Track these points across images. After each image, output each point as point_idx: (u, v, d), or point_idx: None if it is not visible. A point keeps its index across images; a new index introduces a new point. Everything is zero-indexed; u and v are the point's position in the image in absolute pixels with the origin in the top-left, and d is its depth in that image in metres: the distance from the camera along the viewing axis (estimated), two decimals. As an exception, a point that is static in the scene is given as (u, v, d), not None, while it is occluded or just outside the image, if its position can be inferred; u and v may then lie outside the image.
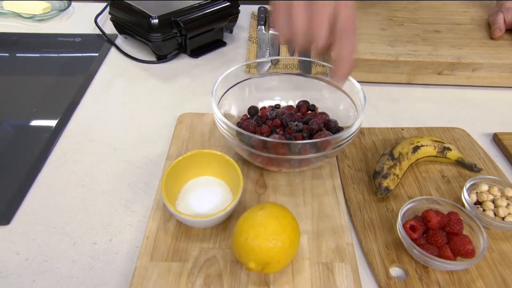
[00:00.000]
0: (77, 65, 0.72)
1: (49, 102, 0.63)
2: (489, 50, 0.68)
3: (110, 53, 0.76)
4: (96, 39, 0.80)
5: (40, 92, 0.65)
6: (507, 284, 0.39)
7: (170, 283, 0.38)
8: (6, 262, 0.41)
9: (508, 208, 0.43)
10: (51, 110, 0.61)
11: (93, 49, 0.77)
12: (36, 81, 0.68)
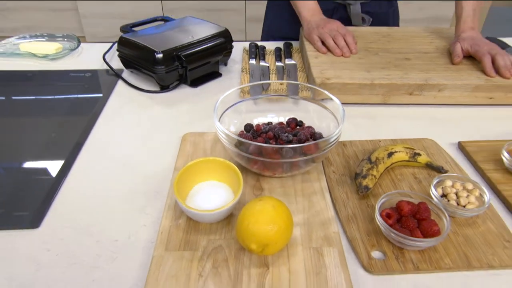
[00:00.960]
0: (89, 96, 0.80)
1: (68, 124, 0.71)
2: (452, 74, 0.78)
3: (118, 85, 0.84)
4: (104, 73, 0.89)
5: (59, 117, 0.73)
6: (470, 261, 0.46)
7: (183, 268, 0.44)
8: (39, 258, 0.47)
9: (468, 198, 0.51)
10: (70, 131, 0.69)
11: (102, 82, 0.86)
12: (54, 108, 0.76)
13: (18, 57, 0.93)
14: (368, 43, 0.91)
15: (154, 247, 0.47)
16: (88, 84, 0.85)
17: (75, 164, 0.62)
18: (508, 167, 0.58)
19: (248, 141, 0.51)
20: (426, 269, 0.45)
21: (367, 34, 0.95)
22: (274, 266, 0.45)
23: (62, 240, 0.49)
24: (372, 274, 0.45)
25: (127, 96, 0.81)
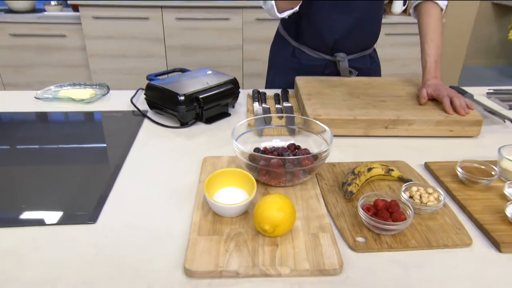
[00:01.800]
0: (121, 131, 0.97)
1: (107, 150, 0.86)
2: (419, 112, 0.96)
3: (144, 123, 1.01)
4: (131, 114, 1.06)
5: (99, 145, 0.89)
6: (430, 242, 0.61)
7: (213, 246, 0.58)
8: (99, 246, 0.60)
9: (429, 198, 0.66)
10: (110, 155, 0.84)
11: (130, 120, 1.02)
12: (95, 138, 0.92)
13: (59, 101, 1.10)
14: (352, 89, 1.10)
15: (189, 233, 0.61)
16: (119, 122, 1.02)
17: (117, 180, 0.76)
18: (461, 178, 0.74)
19: (259, 155, 0.67)
20: (397, 248, 0.60)
21: (352, 83, 1.15)
22: (282, 245, 0.59)
23: (116, 230, 0.63)
24: (357, 252, 0.59)
25: (152, 131, 0.97)
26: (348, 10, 1.14)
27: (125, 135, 0.94)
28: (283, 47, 1.29)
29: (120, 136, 0.94)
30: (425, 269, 0.57)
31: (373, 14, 1.21)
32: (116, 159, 0.83)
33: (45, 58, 2.89)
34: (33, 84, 2.96)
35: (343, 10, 1.14)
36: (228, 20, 2.80)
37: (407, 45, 2.87)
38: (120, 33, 2.79)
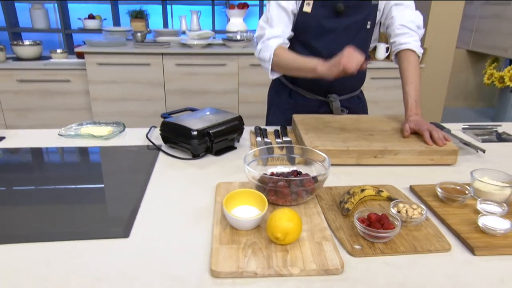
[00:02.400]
0: (140, 163, 1.08)
1: (129, 179, 0.97)
2: (403, 143, 1.10)
3: (159, 156, 1.13)
4: (145, 148, 1.18)
5: (122, 174, 1.00)
6: (416, 248, 0.72)
7: (233, 252, 0.68)
8: (133, 256, 0.70)
9: (413, 212, 0.78)
10: (133, 183, 0.95)
11: (147, 153, 1.14)
12: (116, 169, 1.03)
13: (80, 137, 1.22)
14: (343, 125, 1.24)
15: (211, 244, 0.71)
16: (137, 155, 1.13)
17: (142, 202, 0.87)
18: (441, 197, 0.86)
19: (269, 177, 0.79)
20: (388, 253, 0.71)
21: (343, 119, 1.29)
22: (291, 250, 0.69)
23: (146, 243, 0.73)
24: (355, 256, 0.70)
25: (167, 162, 1.09)
26: None
27: (144, 165, 1.05)
28: (280, 90, 1.44)
29: (140, 166, 1.05)
30: (413, 270, 0.68)
31: None
32: (140, 185, 0.94)
33: (49, 102, 3.02)
34: (36, 127, 3.06)
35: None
36: (225, 65, 3.00)
37: (391, 88, 3.08)
38: (122, 78, 2.96)
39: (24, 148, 1.17)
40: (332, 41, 1.28)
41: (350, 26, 1.28)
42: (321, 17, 1.25)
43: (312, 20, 1.23)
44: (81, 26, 3.94)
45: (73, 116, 3.07)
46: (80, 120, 1.30)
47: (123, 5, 4.04)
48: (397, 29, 1.29)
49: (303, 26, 1.21)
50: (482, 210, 0.81)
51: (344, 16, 1.26)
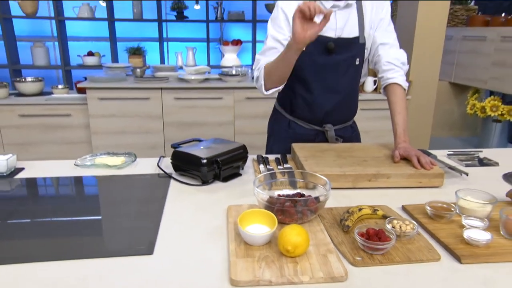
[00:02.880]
0: (153, 189, 1.17)
1: (146, 204, 1.06)
2: (394, 168, 1.21)
3: (171, 183, 1.22)
4: (157, 176, 1.27)
5: (139, 198, 1.08)
6: (410, 258, 0.81)
7: (249, 265, 0.77)
8: (158, 270, 0.78)
9: (406, 227, 0.88)
10: (152, 204, 1.03)
11: (159, 181, 1.23)
12: (133, 194, 1.11)
13: (96, 167, 1.31)
14: (339, 152, 1.35)
15: (228, 258, 0.80)
16: (150, 182, 1.22)
17: (161, 223, 0.95)
18: (430, 214, 0.97)
19: (277, 197, 0.89)
20: (386, 263, 0.80)
21: (338, 147, 1.40)
22: (301, 262, 0.78)
23: (169, 258, 0.81)
24: (356, 267, 0.79)
25: (179, 189, 1.18)
26: (333, 92, 1.44)
27: (158, 192, 1.14)
28: (280, 120, 1.56)
29: (154, 193, 1.14)
30: (408, 277, 0.77)
31: (352, 94, 1.51)
32: (156, 209, 1.03)
33: (50, 136, 3.10)
34: (37, 160, 3.12)
35: (330, 91, 1.44)
36: (221, 99, 3.14)
37: (380, 119, 3.23)
38: (122, 111, 3.07)
39: (44, 177, 1.25)
40: (324, 76, 1.42)
41: (341, 62, 1.42)
42: (314, 54, 1.39)
43: (306, 56, 1.36)
44: (80, 63, 4.09)
45: (73, 150, 3.14)
46: (80, 154, 1.39)
47: (121, 43, 4.22)
48: (384, 65, 1.43)
49: (298, 62, 1.34)
50: (466, 224, 0.91)
51: (335, 53, 1.39)
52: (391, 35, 1.46)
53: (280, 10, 1.38)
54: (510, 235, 0.87)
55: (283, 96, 1.54)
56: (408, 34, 3.47)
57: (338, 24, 1.38)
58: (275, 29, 1.39)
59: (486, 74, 3.85)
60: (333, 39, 1.38)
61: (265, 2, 3.98)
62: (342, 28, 1.39)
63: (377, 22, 1.43)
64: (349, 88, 1.47)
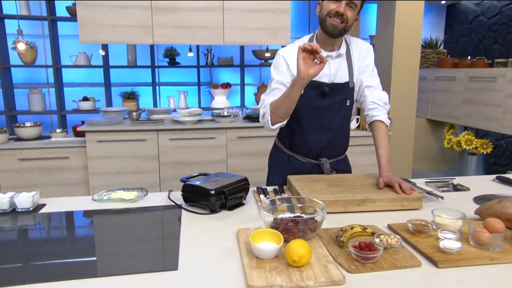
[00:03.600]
0: (167, 218, 1.31)
1: (164, 232, 1.19)
2: (379, 193, 1.38)
3: (183, 212, 1.36)
4: (170, 207, 1.41)
5: (156, 228, 1.22)
6: (396, 265, 0.96)
7: (262, 274, 0.91)
8: (184, 282, 0.92)
9: (392, 240, 1.04)
10: (168, 229, 1.17)
11: (172, 211, 1.37)
12: (150, 224, 1.25)
13: (111, 201, 1.44)
14: (330, 182, 1.52)
15: (243, 269, 0.94)
16: (164, 213, 1.36)
17: (180, 244, 1.09)
18: (411, 230, 1.13)
19: (281, 218, 1.04)
20: (376, 269, 0.95)
21: (330, 178, 1.57)
22: (305, 271, 0.92)
23: (191, 272, 0.95)
24: (352, 273, 0.94)
25: (190, 218, 1.32)
26: (327, 129, 1.64)
27: (172, 220, 1.28)
28: (280, 155, 1.74)
29: (169, 221, 1.28)
30: (395, 280, 0.92)
31: (343, 131, 1.71)
32: (174, 233, 1.16)
33: (48, 178, 3.19)
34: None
35: (324, 129, 1.63)
36: (214, 138, 3.31)
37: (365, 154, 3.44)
38: (119, 153, 3.21)
39: (65, 211, 1.38)
40: (319, 116, 1.62)
41: (334, 104, 1.62)
42: (311, 97, 1.59)
43: (304, 100, 1.56)
44: (75, 107, 4.24)
45: (70, 191, 3.23)
46: (76, 195, 1.52)
47: (115, 87, 4.41)
48: (369, 105, 1.64)
49: (297, 105, 1.53)
50: (442, 237, 1.07)
51: (329, 96, 1.60)
52: (375, 79, 1.68)
53: (281, 57, 1.60)
54: (477, 244, 1.04)
55: (283, 134, 1.73)
56: (385, 77, 3.77)
57: (332, 71, 1.60)
58: (278, 74, 1.60)
59: (459, 110, 4.16)
60: (327, 84, 1.60)
61: (252, 48, 4.26)
62: (335, 74, 1.61)
63: (363, 68, 1.66)
64: (341, 126, 1.68)
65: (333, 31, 1.52)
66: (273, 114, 1.55)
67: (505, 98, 3.54)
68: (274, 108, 1.54)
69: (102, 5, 3.13)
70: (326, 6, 1.51)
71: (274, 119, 1.56)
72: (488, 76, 3.74)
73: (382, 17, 3.82)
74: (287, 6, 3.35)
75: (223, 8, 3.27)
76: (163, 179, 3.31)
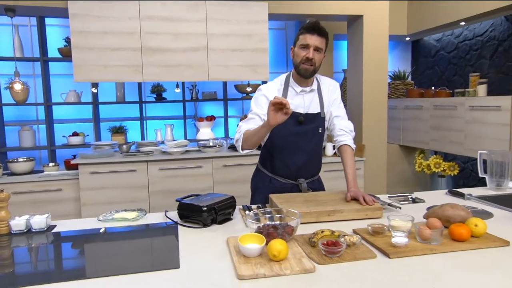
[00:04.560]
0: (166, 234, 1.51)
1: (161, 245, 1.40)
2: (347, 205, 1.63)
3: (179, 228, 1.57)
4: (165, 224, 1.62)
5: (157, 238, 1.42)
6: (356, 257, 1.20)
7: (249, 267, 1.13)
8: (186, 277, 1.13)
9: (353, 238, 1.27)
10: (169, 243, 1.37)
11: (169, 228, 1.58)
12: (152, 237, 1.46)
13: (115, 221, 1.64)
14: (306, 198, 1.76)
15: (233, 264, 1.15)
16: (163, 229, 1.57)
17: (180, 249, 1.30)
18: (370, 231, 1.37)
19: (263, 225, 1.27)
20: (340, 261, 1.18)
21: (306, 195, 1.81)
22: (283, 263, 1.15)
23: (192, 270, 1.16)
24: (321, 264, 1.17)
25: (186, 231, 1.53)
26: (303, 152, 1.91)
27: (170, 233, 1.49)
28: (263, 178, 1.99)
29: (167, 234, 1.49)
30: (357, 267, 1.15)
31: (317, 153, 1.98)
32: (173, 243, 1.37)
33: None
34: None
35: (301, 152, 1.89)
36: (201, 167, 3.53)
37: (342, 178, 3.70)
38: (110, 184, 3.38)
39: (77, 230, 1.57)
40: (296, 141, 1.89)
41: (308, 131, 1.89)
42: (288, 125, 1.85)
43: (283, 127, 1.82)
44: (65, 142, 4.41)
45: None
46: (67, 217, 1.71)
47: (104, 123, 4.61)
48: (338, 131, 1.93)
49: (275, 131, 1.79)
50: (394, 235, 1.32)
51: (304, 124, 1.88)
52: (342, 110, 1.98)
53: (262, 93, 1.88)
54: (421, 239, 1.29)
55: (265, 159, 1.98)
56: (357, 107, 4.10)
57: (306, 103, 1.89)
58: (256, 106, 1.87)
59: (427, 136, 4.51)
60: (303, 114, 1.87)
61: (234, 83, 4.57)
62: (309, 106, 1.90)
63: (332, 101, 1.96)
64: (315, 149, 1.95)
65: (306, 73, 1.82)
66: (245, 143, 1.81)
67: (465, 124, 3.90)
68: (246, 138, 1.80)
69: (95, 48, 3.40)
70: (298, 53, 1.82)
71: (244, 146, 1.83)
72: (449, 105, 4.12)
73: (352, 52, 4.20)
74: (265, 45, 3.70)
75: (207, 48, 3.59)
76: (152, 208, 3.48)
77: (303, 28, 1.79)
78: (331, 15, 3.91)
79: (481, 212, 1.67)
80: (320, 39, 1.77)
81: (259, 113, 1.85)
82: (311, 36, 1.76)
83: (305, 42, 1.77)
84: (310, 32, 1.76)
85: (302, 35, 1.79)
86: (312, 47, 1.76)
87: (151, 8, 3.45)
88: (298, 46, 1.81)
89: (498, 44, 4.14)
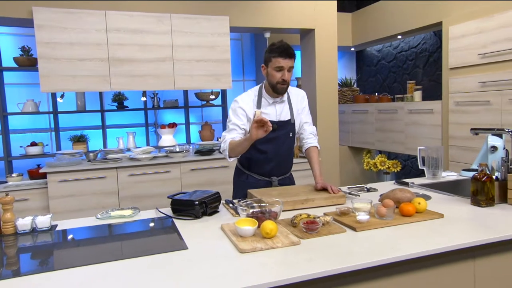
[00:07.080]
0: (164, 224, 1.72)
1: (159, 237, 1.61)
2: (316, 194, 1.92)
3: (174, 221, 1.77)
4: (161, 218, 1.82)
5: (153, 233, 1.63)
6: (331, 232, 1.49)
7: (247, 243, 1.38)
8: (195, 255, 1.36)
9: (327, 219, 1.57)
10: (163, 239, 1.59)
11: (165, 221, 1.78)
12: (149, 232, 1.66)
13: (112, 218, 1.81)
14: (281, 191, 2.03)
15: (234, 242, 1.40)
16: (158, 222, 1.77)
17: (183, 239, 1.52)
18: (338, 213, 1.68)
19: (253, 211, 1.53)
20: (318, 236, 1.47)
21: (281, 188, 2.09)
22: (274, 239, 1.42)
23: (199, 250, 1.39)
24: (303, 239, 1.45)
25: (181, 223, 1.74)
26: (276, 154, 2.19)
27: (168, 224, 1.70)
28: (241, 174, 2.25)
29: (166, 225, 1.70)
30: (331, 240, 1.44)
31: (289, 155, 2.27)
32: (174, 231, 1.59)
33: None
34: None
35: (274, 154, 2.17)
36: (169, 172, 3.70)
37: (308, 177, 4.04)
38: (80, 191, 3.46)
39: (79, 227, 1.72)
40: (271, 145, 2.17)
41: (281, 136, 2.18)
42: None
43: None
44: (23, 153, 4.36)
45: (31, 231, 3.37)
46: None
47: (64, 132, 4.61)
48: (307, 135, 2.28)
49: None
50: (358, 214, 1.63)
51: (278, 130, 2.16)
52: (309, 117, 2.32)
53: (238, 106, 2.14)
54: (379, 216, 1.61)
55: (243, 158, 2.24)
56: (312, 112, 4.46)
57: (277, 112, 2.18)
58: (235, 117, 2.13)
59: (373, 137, 4.99)
60: (276, 122, 2.16)
61: (194, 92, 4.78)
62: (280, 114, 2.19)
63: (302, 109, 2.28)
64: (287, 152, 2.25)
65: (282, 91, 2.13)
66: (231, 152, 2.08)
67: (405, 126, 4.41)
68: (232, 148, 2.07)
69: (62, 58, 3.47)
70: (273, 74, 2.07)
71: (231, 155, 2.10)
72: (391, 109, 4.62)
73: (305, 62, 4.58)
74: (227, 56, 3.96)
75: (173, 59, 3.78)
76: (122, 213, 3.58)
77: (275, 52, 2.03)
78: (286, 29, 4.26)
79: (422, 196, 2.04)
80: (291, 61, 2.05)
81: (238, 124, 2.12)
82: (284, 59, 2.03)
83: (279, 65, 2.04)
84: (283, 56, 2.02)
85: (275, 58, 2.04)
86: (286, 69, 2.05)
87: (117, 20, 3.59)
88: (273, 68, 2.07)
89: (429, 55, 4.72)
